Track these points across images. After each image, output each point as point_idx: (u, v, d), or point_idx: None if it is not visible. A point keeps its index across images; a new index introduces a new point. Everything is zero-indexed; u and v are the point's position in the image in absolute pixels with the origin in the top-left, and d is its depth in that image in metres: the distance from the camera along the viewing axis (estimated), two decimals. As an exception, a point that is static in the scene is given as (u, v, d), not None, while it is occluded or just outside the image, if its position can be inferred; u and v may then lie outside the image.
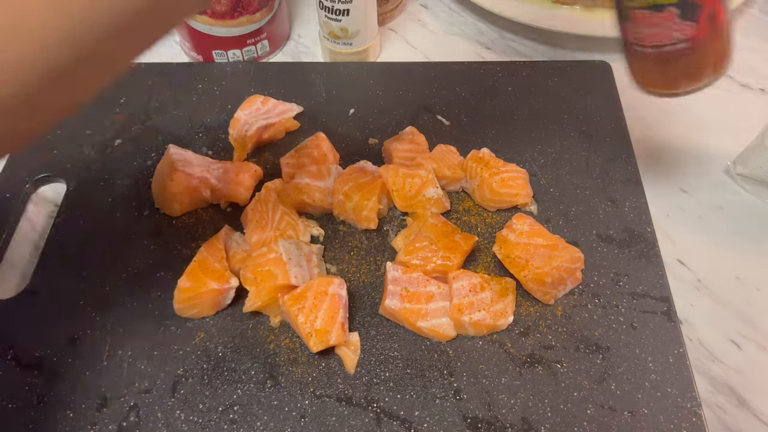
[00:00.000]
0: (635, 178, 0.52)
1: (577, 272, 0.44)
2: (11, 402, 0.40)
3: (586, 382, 0.41)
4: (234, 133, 0.54)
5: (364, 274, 0.47)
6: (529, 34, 0.68)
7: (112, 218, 0.50)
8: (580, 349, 0.42)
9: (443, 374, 0.41)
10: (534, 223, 0.47)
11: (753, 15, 0.70)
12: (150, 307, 0.45)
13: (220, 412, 0.40)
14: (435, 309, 0.43)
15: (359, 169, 0.50)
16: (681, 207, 0.52)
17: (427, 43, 0.69)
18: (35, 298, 0.45)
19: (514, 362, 0.42)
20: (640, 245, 0.47)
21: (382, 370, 0.41)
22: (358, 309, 0.45)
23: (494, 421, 0.39)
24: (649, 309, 0.44)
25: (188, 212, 0.50)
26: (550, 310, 0.44)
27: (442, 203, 0.49)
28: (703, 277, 0.47)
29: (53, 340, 0.43)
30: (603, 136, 0.55)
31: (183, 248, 0.48)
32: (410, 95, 0.59)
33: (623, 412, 0.39)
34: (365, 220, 0.48)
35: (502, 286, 0.44)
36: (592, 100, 0.58)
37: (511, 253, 0.45)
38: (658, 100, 0.61)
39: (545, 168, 0.53)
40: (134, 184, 0.52)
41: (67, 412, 0.40)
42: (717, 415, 0.41)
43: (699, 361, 0.43)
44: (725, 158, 0.54)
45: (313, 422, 0.39)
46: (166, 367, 0.42)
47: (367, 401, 0.40)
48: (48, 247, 0.48)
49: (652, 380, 0.40)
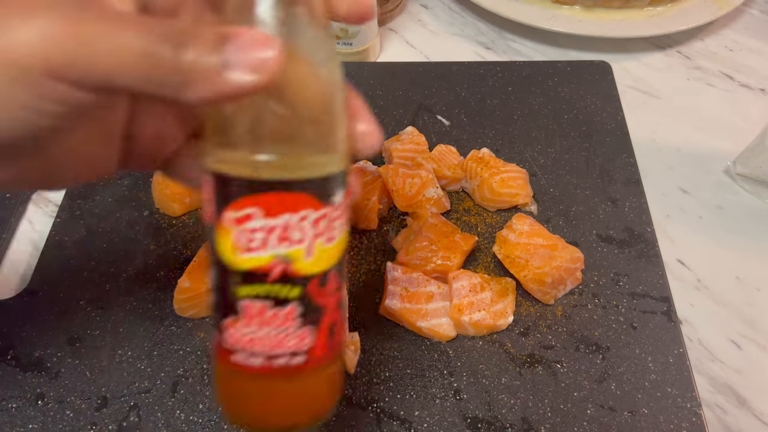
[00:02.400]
0: (635, 178, 0.52)
1: (577, 272, 0.44)
2: (11, 402, 0.40)
3: (586, 382, 0.41)
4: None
5: (364, 274, 0.47)
6: (530, 34, 0.68)
7: (113, 218, 0.50)
8: (580, 349, 0.42)
9: (443, 374, 0.41)
10: (534, 223, 0.46)
11: (753, 15, 0.70)
12: (150, 306, 0.45)
13: (221, 412, 0.40)
14: (435, 309, 0.43)
15: (359, 169, 0.50)
16: (681, 207, 0.52)
17: (427, 43, 0.69)
18: (35, 298, 0.45)
19: (514, 362, 0.42)
20: (640, 245, 0.47)
21: (382, 369, 0.41)
22: (358, 309, 0.45)
23: (494, 421, 0.39)
24: (649, 309, 0.44)
25: (188, 212, 0.50)
26: (550, 310, 0.44)
27: (442, 203, 0.49)
28: (703, 277, 0.47)
29: (53, 340, 0.43)
30: (603, 136, 0.55)
31: (183, 248, 0.48)
32: (410, 95, 0.59)
33: (623, 412, 0.39)
34: (365, 220, 0.48)
35: (502, 286, 0.44)
36: (592, 100, 0.58)
37: (511, 253, 0.45)
38: (659, 100, 0.61)
39: (545, 168, 0.53)
40: (134, 183, 0.52)
41: (66, 412, 0.40)
42: (717, 415, 0.41)
43: (699, 361, 0.43)
44: (725, 158, 0.54)
45: (313, 422, 0.39)
46: (166, 367, 0.42)
47: (367, 401, 0.40)
48: (48, 247, 0.48)
49: (652, 380, 0.40)
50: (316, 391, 0.26)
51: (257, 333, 0.23)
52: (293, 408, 0.26)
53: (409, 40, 0.69)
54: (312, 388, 0.26)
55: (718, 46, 0.66)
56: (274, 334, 0.24)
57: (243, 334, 0.24)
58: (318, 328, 0.25)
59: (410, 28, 0.70)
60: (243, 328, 0.24)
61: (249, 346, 0.24)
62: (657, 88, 0.62)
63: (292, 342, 0.24)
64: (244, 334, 0.24)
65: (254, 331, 0.23)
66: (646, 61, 0.65)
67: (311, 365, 0.25)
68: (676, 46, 0.66)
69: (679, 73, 0.64)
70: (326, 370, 0.26)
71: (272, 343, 0.24)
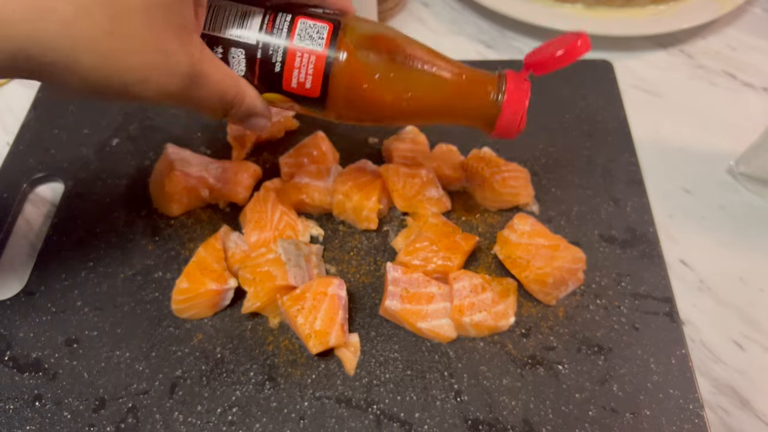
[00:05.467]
0: (637, 178, 0.51)
1: (578, 273, 0.44)
2: (8, 403, 0.40)
3: (588, 383, 0.40)
4: (232, 132, 0.54)
5: (364, 274, 0.46)
6: (531, 32, 0.68)
7: (110, 218, 0.50)
8: (582, 350, 0.42)
9: (444, 375, 0.41)
10: (535, 223, 0.46)
11: (755, 13, 0.69)
12: (148, 307, 0.44)
13: (219, 413, 0.39)
14: (435, 310, 0.42)
15: (359, 169, 0.49)
16: (683, 207, 0.51)
17: (427, 42, 0.68)
18: (32, 299, 0.45)
19: (516, 363, 0.41)
20: (643, 245, 0.47)
21: (382, 371, 0.41)
22: (357, 310, 0.44)
23: (495, 422, 0.39)
24: (651, 310, 0.44)
25: (186, 212, 0.50)
26: (552, 311, 0.44)
27: (443, 203, 0.49)
28: (705, 278, 0.47)
29: (50, 341, 0.43)
30: (605, 135, 0.55)
31: (181, 248, 0.48)
32: (410, 94, 0.58)
33: (625, 413, 0.39)
34: (365, 220, 0.47)
35: (503, 287, 0.43)
36: (594, 99, 0.58)
37: (512, 254, 0.45)
38: (661, 99, 0.60)
39: (547, 167, 0.53)
40: (132, 183, 0.52)
41: (64, 413, 0.40)
42: (719, 416, 0.40)
43: (701, 362, 0.43)
44: (728, 158, 0.54)
45: (313, 424, 0.39)
46: (164, 369, 0.41)
47: (367, 403, 0.40)
48: (45, 248, 0.48)
49: (655, 381, 0.40)
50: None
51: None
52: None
53: (410, 39, 0.69)
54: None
55: (720, 45, 0.66)
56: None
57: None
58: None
59: (410, 26, 0.70)
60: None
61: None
62: (659, 87, 0.61)
63: None
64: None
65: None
66: (649, 59, 0.65)
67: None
68: (678, 44, 0.66)
69: (682, 72, 0.63)
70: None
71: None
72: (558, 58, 0.36)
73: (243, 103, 0.35)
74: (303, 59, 0.35)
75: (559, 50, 0.36)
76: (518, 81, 0.38)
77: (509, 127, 0.39)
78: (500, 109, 0.38)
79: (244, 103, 0.35)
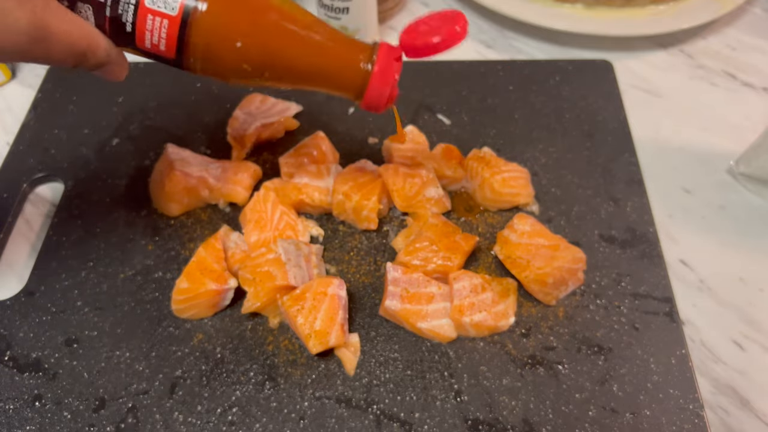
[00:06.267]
0: (637, 178, 0.51)
1: (578, 273, 0.44)
2: (8, 403, 0.40)
3: (588, 383, 0.40)
4: (233, 132, 0.54)
5: (364, 274, 0.46)
6: (531, 32, 0.68)
7: (110, 218, 0.50)
8: (582, 350, 0.42)
9: (444, 376, 0.41)
10: (535, 223, 0.46)
11: (755, 14, 0.69)
12: (148, 307, 0.44)
13: (219, 413, 0.39)
14: (435, 310, 0.42)
15: (359, 169, 0.49)
16: (683, 207, 0.51)
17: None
18: (32, 299, 0.45)
19: (516, 363, 0.41)
20: (643, 245, 0.47)
21: (382, 371, 0.41)
22: (357, 310, 0.44)
23: (495, 422, 0.39)
24: (651, 310, 0.44)
25: (186, 212, 0.50)
26: (552, 311, 0.44)
27: (443, 203, 0.49)
28: (705, 278, 0.47)
29: (50, 341, 0.43)
30: (605, 135, 0.55)
31: (181, 248, 0.48)
32: (410, 94, 0.59)
33: (625, 413, 0.39)
34: (365, 220, 0.47)
35: (503, 287, 0.43)
36: (594, 99, 0.58)
37: (512, 254, 0.45)
38: (661, 99, 0.60)
39: (547, 167, 0.53)
40: (132, 183, 0.52)
41: (64, 413, 0.40)
42: (719, 416, 0.40)
43: (701, 363, 0.43)
44: (728, 158, 0.54)
45: (313, 424, 0.39)
46: (164, 369, 0.41)
47: (367, 403, 0.40)
48: (45, 248, 0.48)
49: (655, 381, 0.40)
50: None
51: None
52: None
53: (410, 39, 0.69)
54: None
55: (720, 45, 0.66)
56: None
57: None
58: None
59: (410, 26, 0.70)
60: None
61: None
62: (659, 87, 0.61)
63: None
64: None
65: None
66: (649, 59, 0.65)
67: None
68: (678, 44, 0.66)
69: (682, 71, 0.63)
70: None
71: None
72: (434, 45, 0.35)
73: (95, 55, 0.34)
74: (155, 22, 0.33)
75: (435, 37, 0.35)
76: (391, 54, 0.37)
77: (378, 99, 0.37)
78: (369, 79, 0.37)
79: (96, 54, 0.34)
